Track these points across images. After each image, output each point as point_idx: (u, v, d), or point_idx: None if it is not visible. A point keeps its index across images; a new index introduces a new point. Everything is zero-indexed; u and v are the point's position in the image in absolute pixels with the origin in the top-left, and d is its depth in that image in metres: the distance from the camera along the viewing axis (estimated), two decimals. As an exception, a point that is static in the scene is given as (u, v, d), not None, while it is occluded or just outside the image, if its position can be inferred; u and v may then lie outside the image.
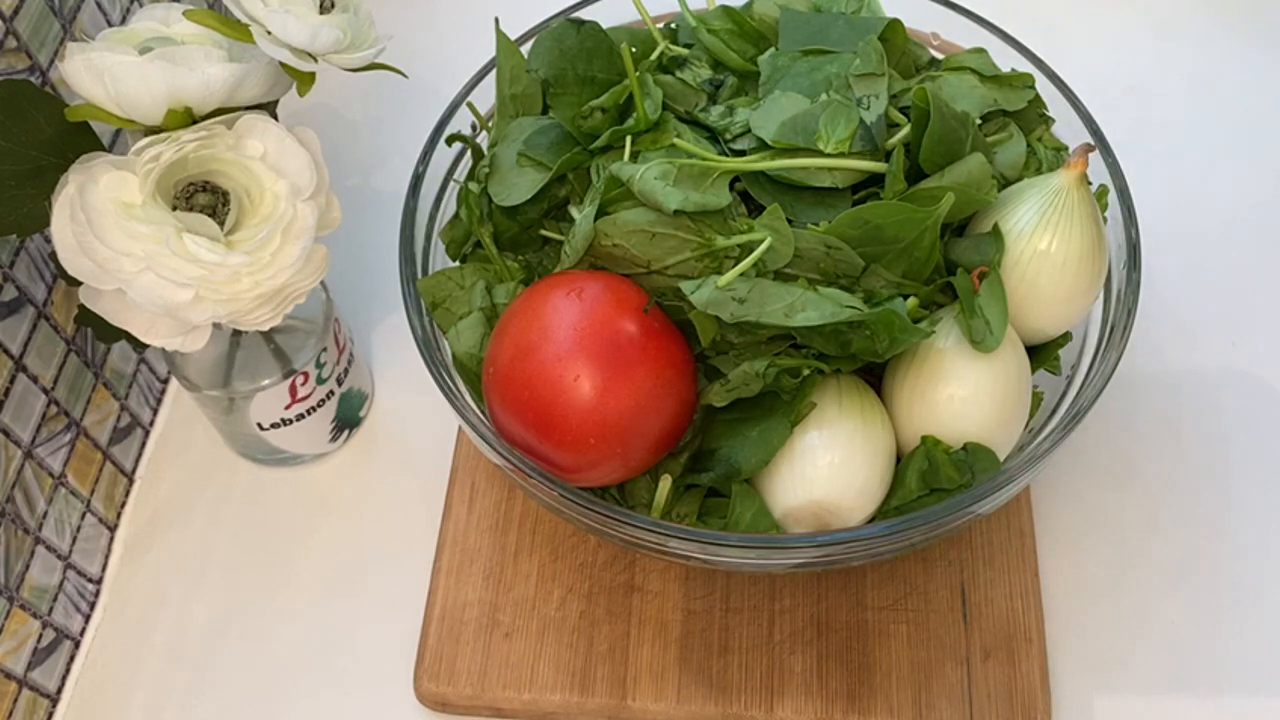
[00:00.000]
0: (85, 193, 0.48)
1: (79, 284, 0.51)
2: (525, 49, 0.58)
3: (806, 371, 0.50)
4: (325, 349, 0.62)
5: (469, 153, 0.60)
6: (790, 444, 0.50)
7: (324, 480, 0.67)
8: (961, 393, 0.50)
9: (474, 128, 0.61)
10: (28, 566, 0.58)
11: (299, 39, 0.50)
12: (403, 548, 0.64)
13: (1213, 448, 0.65)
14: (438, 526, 0.63)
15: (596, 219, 0.50)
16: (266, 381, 0.60)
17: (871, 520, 0.51)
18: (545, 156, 0.54)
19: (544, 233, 0.56)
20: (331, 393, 0.64)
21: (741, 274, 0.48)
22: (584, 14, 0.60)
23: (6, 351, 0.56)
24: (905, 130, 0.52)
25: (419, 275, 0.57)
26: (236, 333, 0.61)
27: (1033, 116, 0.57)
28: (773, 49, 0.56)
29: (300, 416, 0.63)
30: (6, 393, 0.56)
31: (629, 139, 0.53)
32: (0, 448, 0.55)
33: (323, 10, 0.51)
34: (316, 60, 0.51)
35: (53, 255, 0.57)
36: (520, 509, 0.63)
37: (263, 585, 0.63)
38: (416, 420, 0.68)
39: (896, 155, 0.51)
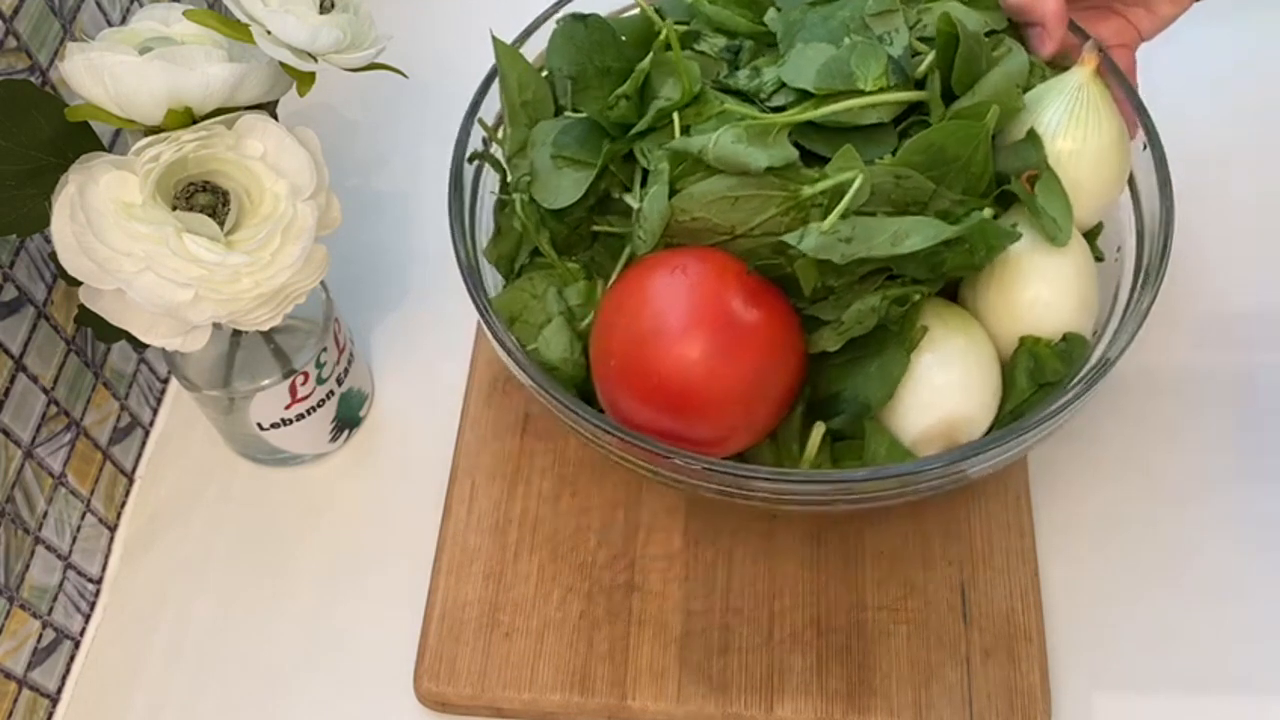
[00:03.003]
0: (85, 192, 0.48)
1: (79, 284, 0.51)
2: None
3: (916, 297, 0.51)
4: (325, 349, 0.62)
5: (474, 173, 0.60)
6: (911, 372, 0.52)
7: (324, 480, 0.67)
8: (1046, 291, 0.53)
9: (485, 143, 0.61)
10: (28, 566, 0.58)
11: (299, 39, 0.50)
12: (403, 547, 0.64)
13: (1214, 447, 0.65)
14: (438, 526, 0.63)
15: (670, 197, 0.51)
16: (266, 381, 0.60)
17: (991, 428, 0.53)
18: (579, 154, 0.55)
19: (595, 228, 0.57)
20: (331, 393, 0.64)
21: (841, 215, 0.49)
22: (565, 9, 0.60)
23: (7, 351, 0.56)
24: (930, 57, 0.53)
25: (487, 296, 0.56)
26: (236, 333, 0.61)
27: (1016, 34, 0.58)
28: (773, 8, 0.57)
29: (300, 416, 0.63)
30: (6, 393, 0.56)
31: (675, 115, 0.53)
32: (0, 447, 0.55)
33: (323, 10, 0.51)
34: (316, 60, 0.51)
35: (53, 255, 0.57)
36: (520, 509, 0.63)
37: (263, 585, 0.63)
38: (416, 420, 0.68)
39: (932, 81, 0.53)
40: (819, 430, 0.53)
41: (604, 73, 0.56)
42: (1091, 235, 0.57)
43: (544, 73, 0.59)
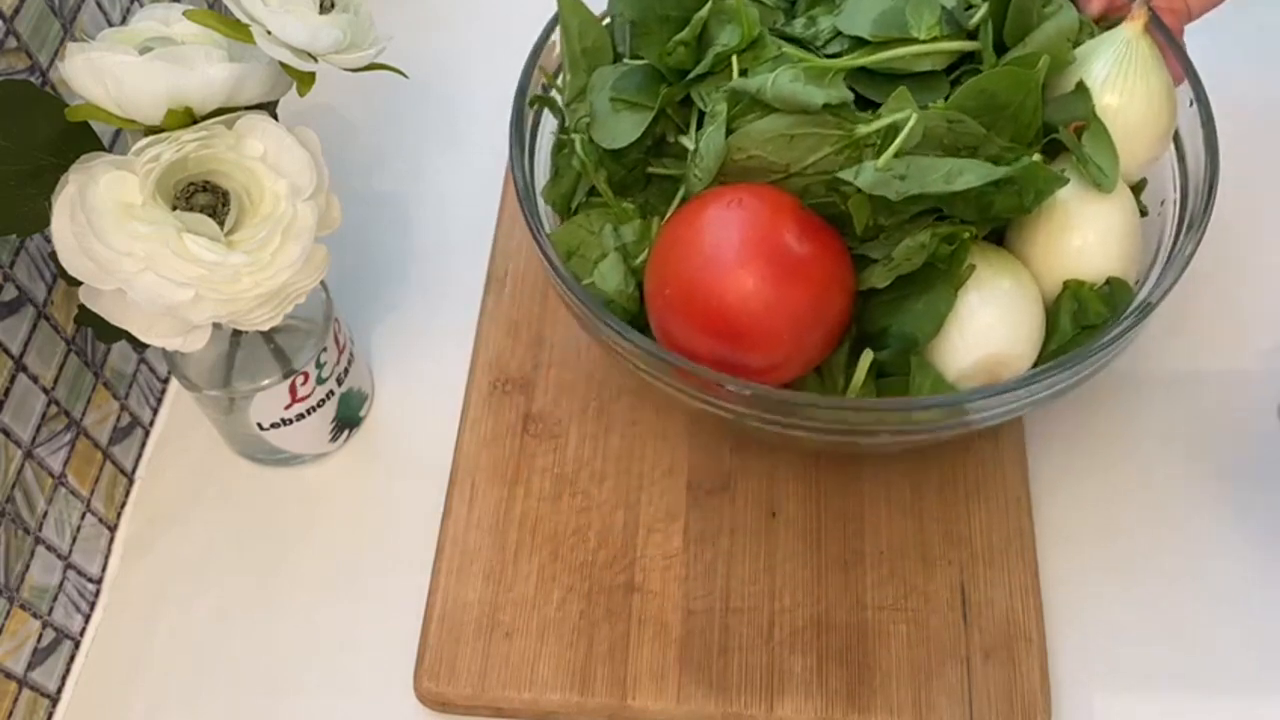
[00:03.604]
0: (85, 193, 0.48)
1: (79, 284, 0.51)
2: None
3: (966, 235, 0.53)
4: (325, 349, 0.62)
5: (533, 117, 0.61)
6: (956, 311, 0.53)
7: (324, 480, 0.67)
8: (1091, 237, 0.54)
9: (544, 89, 0.63)
10: (28, 566, 0.58)
11: (299, 39, 0.50)
12: (403, 547, 0.64)
13: (1214, 447, 0.65)
14: (438, 526, 0.63)
15: (727, 136, 0.53)
16: (266, 381, 0.60)
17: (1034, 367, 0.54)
18: (637, 97, 0.57)
19: (650, 170, 0.59)
20: (331, 392, 0.64)
21: (895, 153, 0.51)
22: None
23: (7, 351, 0.56)
24: (983, 9, 0.55)
25: (544, 228, 0.58)
26: (236, 333, 0.61)
27: None
28: None
29: (300, 416, 0.63)
30: (7, 393, 0.56)
31: (733, 59, 0.55)
32: (0, 447, 0.55)
33: (323, 10, 0.51)
34: (316, 60, 0.51)
35: (53, 255, 0.57)
36: (520, 509, 0.63)
37: (262, 585, 0.63)
38: (416, 420, 0.68)
39: (985, 31, 0.54)
40: (867, 357, 0.54)
41: (663, 20, 0.57)
42: (1136, 190, 0.59)
43: (604, 21, 0.61)
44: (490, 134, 0.79)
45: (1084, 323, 0.54)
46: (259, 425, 0.63)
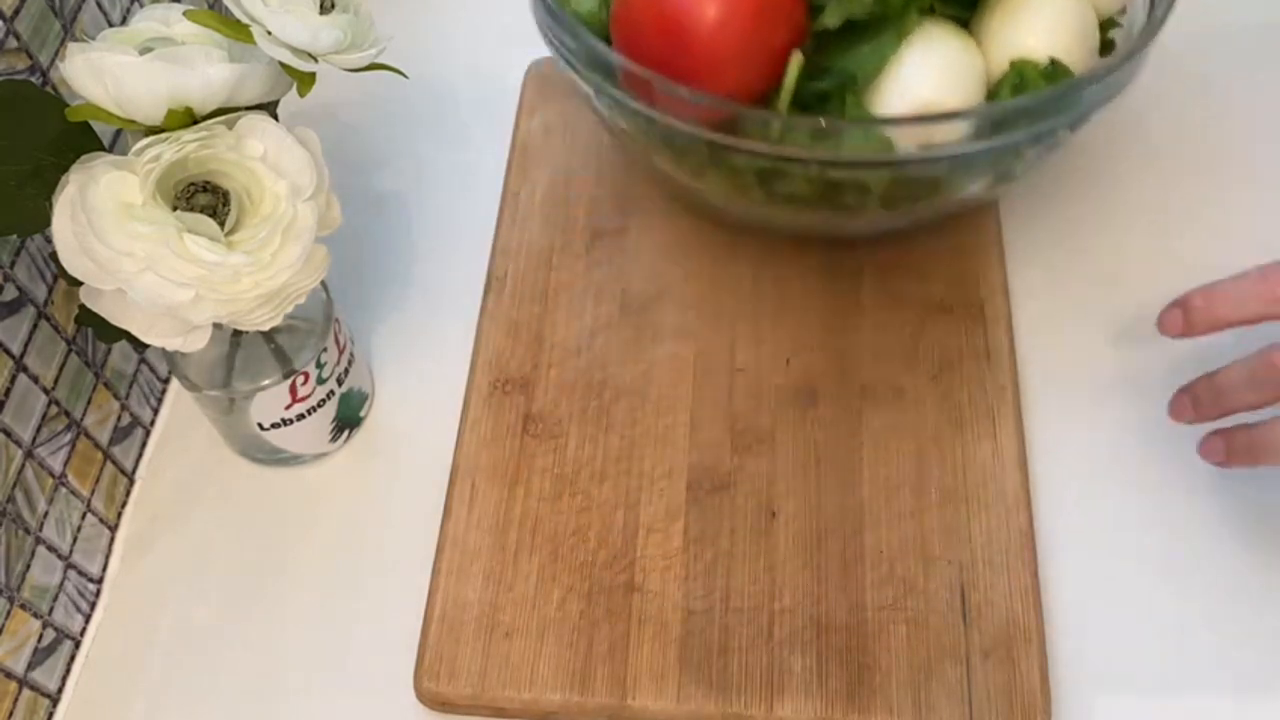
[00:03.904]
0: (86, 193, 0.48)
1: (79, 284, 0.51)
2: None
3: None
4: (325, 349, 0.62)
5: None
6: (899, 57, 0.56)
7: (324, 480, 0.67)
8: (1041, 24, 0.57)
9: None
10: (28, 566, 0.58)
11: (299, 39, 0.50)
12: (403, 547, 0.64)
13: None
14: (437, 526, 0.63)
15: None
16: (267, 381, 0.60)
17: None
18: None
19: None
20: (332, 393, 0.64)
21: None
22: None
23: (7, 351, 0.56)
24: None
25: None
26: (237, 333, 0.61)
27: None
28: None
29: (300, 416, 0.63)
30: (7, 393, 0.56)
31: None
32: (1, 448, 0.55)
33: (323, 10, 0.51)
34: (317, 60, 0.51)
35: (53, 255, 0.57)
36: (520, 509, 0.63)
37: (263, 585, 0.63)
38: (417, 420, 0.68)
39: None
40: (797, 59, 0.55)
41: None
42: (1105, 26, 0.61)
43: None
44: (491, 134, 0.79)
45: (1022, 92, 0.57)
46: (259, 425, 0.63)
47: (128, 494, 0.67)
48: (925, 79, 0.56)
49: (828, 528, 0.61)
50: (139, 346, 0.68)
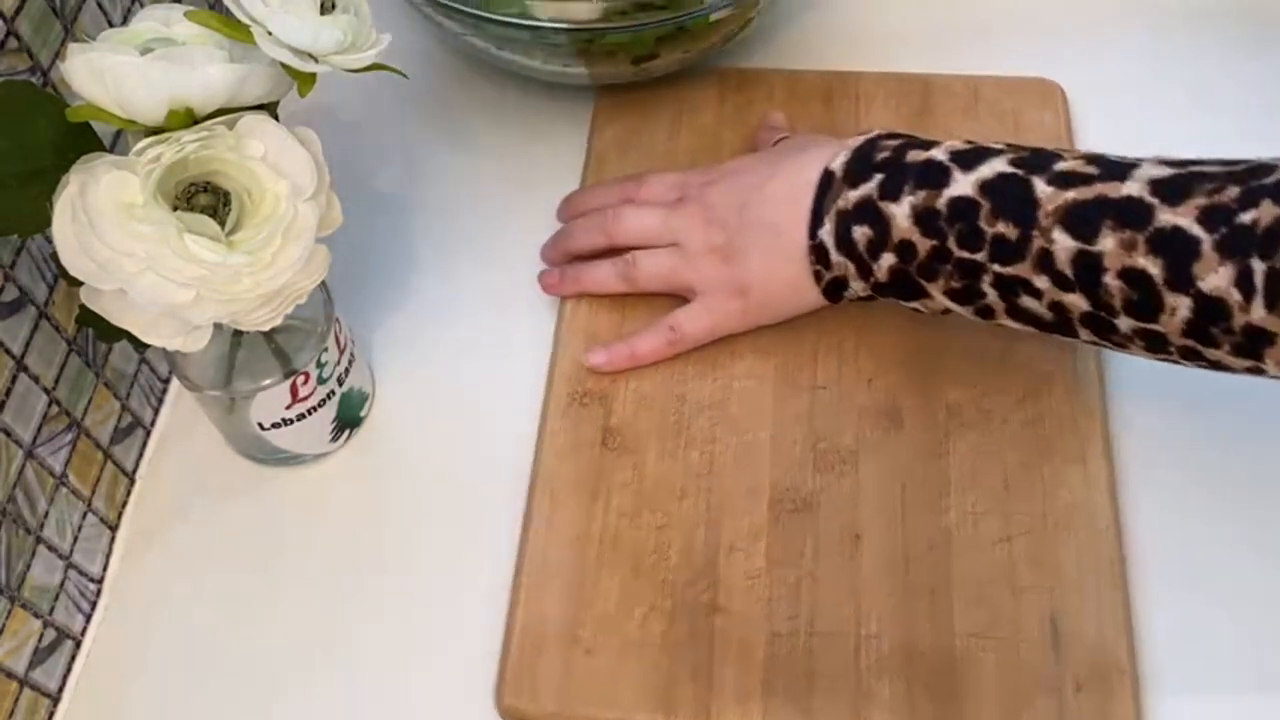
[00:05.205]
0: (86, 193, 0.49)
1: (80, 284, 0.51)
2: None
3: None
4: (326, 349, 0.62)
5: None
6: None
7: (325, 480, 0.67)
8: None
9: None
10: (29, 566, 0.58)
11: (300, 40, 0.50)
12: (402, 547, 0.64)
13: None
14: (437, 526, 0.63)
15: None
16: (267, 381, 0.61)
17: None
18: None
19: None
20: (332, 392, 0.64)
21: None
22: None
23: (8, 351, 0.56)
24: None
25: None
26: (237, 333, 0.61)
27: None
28: None
29: (301, 416, 0.63)
30: (8, 393, 0.56)
31: None
32: (1, 448, 0.55)
33: (324, 11, 0.51)
34: (317, 61, 0.51)
35: (54, 255, 0.57)
36: (600, 525, 0.61)
37: (263, 585, 0.63)
38: (418, 420, 0.68)
39: None
40: None
41: None
42: None
43: None
44: (493, 134, 0.79)
45: None
46: (260, 425, 0.63)
47: (128, 494, 0.67)
48: None
49: (914, 553, 0.60)
50: (139, 346, 0.68)
